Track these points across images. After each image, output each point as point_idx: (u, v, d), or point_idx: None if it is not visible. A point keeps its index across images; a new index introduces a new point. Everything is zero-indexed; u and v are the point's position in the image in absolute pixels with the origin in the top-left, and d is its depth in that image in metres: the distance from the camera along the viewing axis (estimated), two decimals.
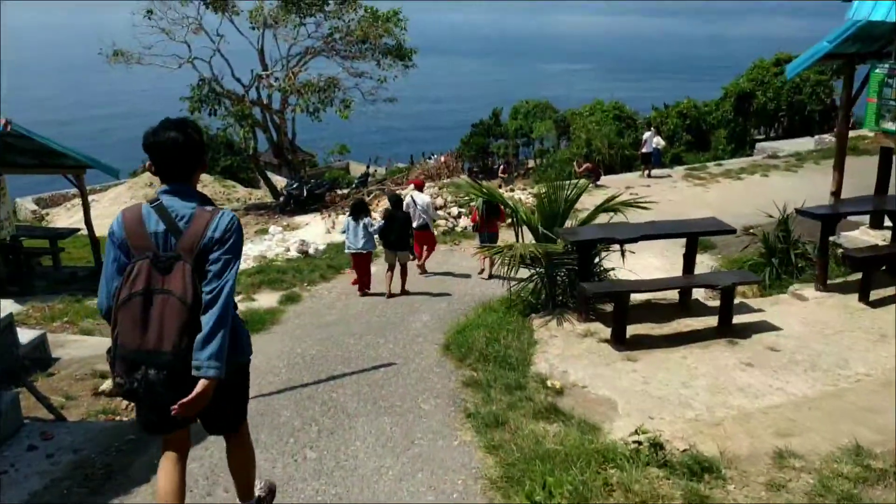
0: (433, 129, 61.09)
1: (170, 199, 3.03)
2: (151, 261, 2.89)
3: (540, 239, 7.53)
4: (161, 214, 2.98)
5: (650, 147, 22.75)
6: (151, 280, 2.86)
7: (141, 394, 2.89)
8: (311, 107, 22.09)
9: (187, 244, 2.93)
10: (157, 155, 3.02)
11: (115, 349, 2.89)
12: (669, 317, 7.08)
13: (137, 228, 2.98)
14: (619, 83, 73.37)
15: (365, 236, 10.37)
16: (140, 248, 2.94)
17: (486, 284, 11.22)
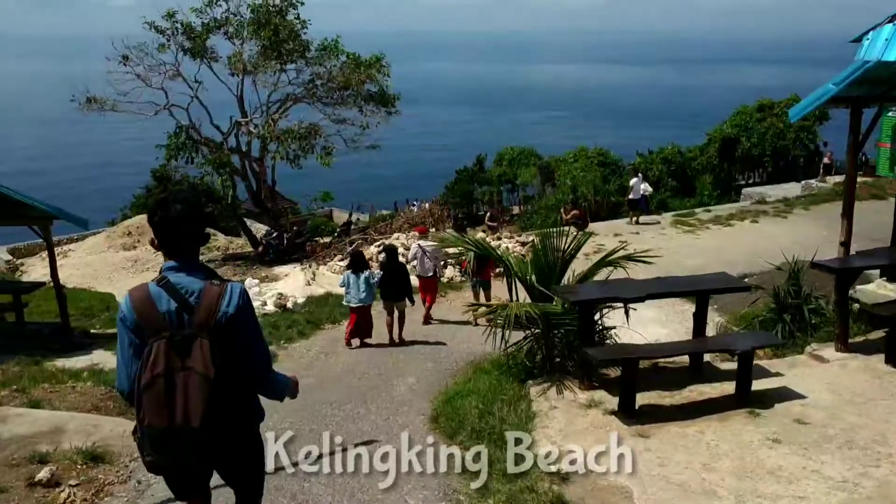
0: (416, 177, 60.85)
1: (176, 276, 3.05)
2: (168, 341, 2.90)
3: (535, 296, 6.88)
4: (171, 293, 3.00)
5: (638, 193, 22.39)
6: (171, 360, 2.88)
7: (169, 468, 3.11)
8: (290, 154, 21.57)
9: (202, 320, 2.95)
10: (164, 231, 3.05)
11: (144, 430, 2.94)
12: (680, 383, 6.41)
13: (148, 310, 2.99)
14: (600, 130, 73.94)
15: (366, 289, 10.33)
16: (154, 330, 2.94)
17: (474, 339, 10.57)
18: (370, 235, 20.77)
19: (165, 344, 2.89)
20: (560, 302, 6.87)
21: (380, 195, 47.25)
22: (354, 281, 10.38)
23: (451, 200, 34.97)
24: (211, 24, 21.79)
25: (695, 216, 22.48)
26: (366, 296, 10.36)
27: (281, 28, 21.32)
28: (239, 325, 3.01)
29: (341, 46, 22.45)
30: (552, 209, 29.38)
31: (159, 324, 2.95)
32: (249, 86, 22.27)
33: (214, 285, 3.04)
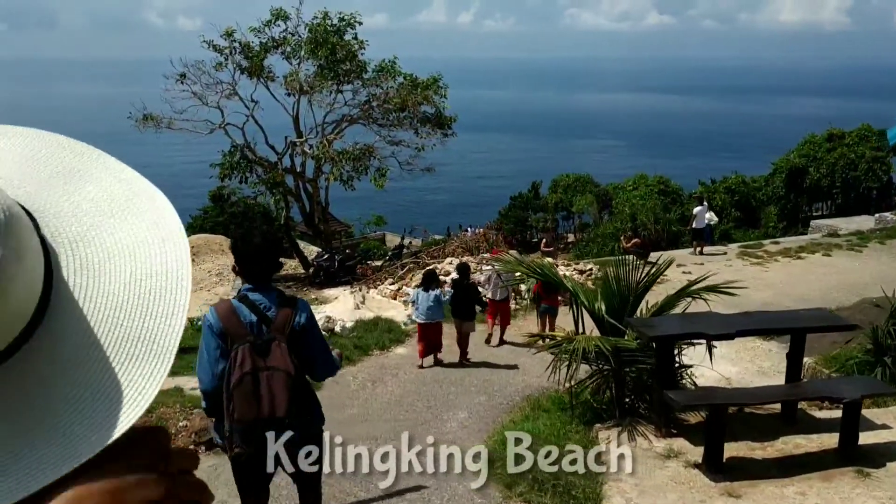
0: (469, 203, 60.63)
1: (254, 294, 3.63)
2: (251, 345, 3.45)
3: (605, 329, 6.19)
4: (251, 307, 3.57)
5: (702, 223, 21.42)
6: (255, 361, 3.42)
7: (254, 458, 3.51)
8: (344, 175, 21.28)
9: (279, 328, 3.53)
10: (245, 261, 3.67)
11: (233, 424, 3.45)
12: (772, 432, 5.63)
13: (233, 319, 3.54)
14: (655, 159, 72.65)
15: (434, 306, 10.34)
16: (238, 336, 3.49)
17: (529, 370, 9.99)
18: (422, 259, 20.24)
19: (249, 348, 3.44)
20: (633, 336, 6.19)
21: (432, 220, 47.04)
22: (424, 297, 10.42)
23: (506, 227, 34.43)
24: (269, 44, 21.76)
25: (762, 248, 21.56)
26: (433, 312, 10.33)
27: (338, 48, 21.14)
28: (308, 332, 3.61)
29: (398, 67, 22.18)
30: (609, 237, 28.59)
31: (242, 331, 3.50)
32: (305, 106, 22.12)
33: (287, 300, 3.67)
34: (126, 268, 0.83)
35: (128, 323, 0.80)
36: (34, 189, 0.85)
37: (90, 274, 0.82)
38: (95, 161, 0.92)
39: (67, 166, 0.90)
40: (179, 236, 0.87)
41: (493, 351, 11.48)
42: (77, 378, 0.77)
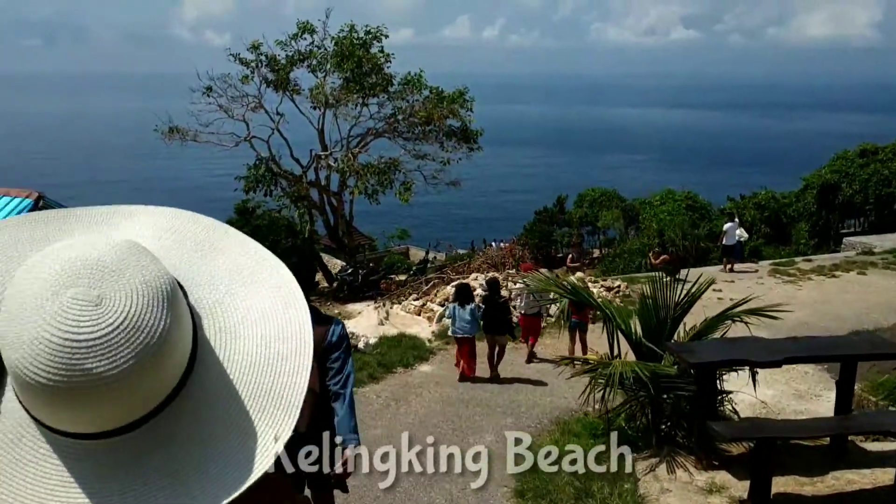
0: (493, 218, 60.31)
1: None
2: None
3: (643, 354, 5.88)
4: None
5: (732, 239, 20.95)
6: None
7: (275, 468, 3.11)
8: (369, 189, 21.16)
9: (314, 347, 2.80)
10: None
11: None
12: (821, 466, 5.28)
13: None
14: (683, 174, 71.91)
15: (471, 321, 10.33)
16: None
17: (557, 391, 9.69)
18: (447, 275, 19.96)
19: None
20: (670, 360, 5.88)
21: (456, 234, 46.83)
22: (460, 312, 10.42)
23: (531, 242, 34.01)
24: (295, 57, 21.76)
25: (795, 265, 21.05)
26: (470, 327, 10.34)
27: (364, 60, 21.08)
28: (335, 348, 3.70)
29: (424, 81, 22.06)
30: (636, 253, 28.15)
31: None
32: (330, 119, 22.09)
33: (321, 318, 3.77)
34: (257, 331, 0.96)
35: (259, 380, 0.93)
36: (177, 261, 0.98)
37: (228, 336, 0.95)
38: (224, 234, 1.05)
39: (200, 239, 1.03)
40: (300, 302, 1.00)
41: (520, 368, 11.22)
42: (219, 428, 0.89)
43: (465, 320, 10.35)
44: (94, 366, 0.78)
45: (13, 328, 0.79)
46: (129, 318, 0.80)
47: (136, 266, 0.84)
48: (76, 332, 0.78)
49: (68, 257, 0.83)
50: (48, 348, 0.77)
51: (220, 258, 1.01)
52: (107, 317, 0.79)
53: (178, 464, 0.87)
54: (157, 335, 0.82)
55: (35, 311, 0.79)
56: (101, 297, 0.80)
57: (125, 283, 0.82)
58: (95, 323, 0.79)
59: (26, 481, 0.84)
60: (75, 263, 0.82)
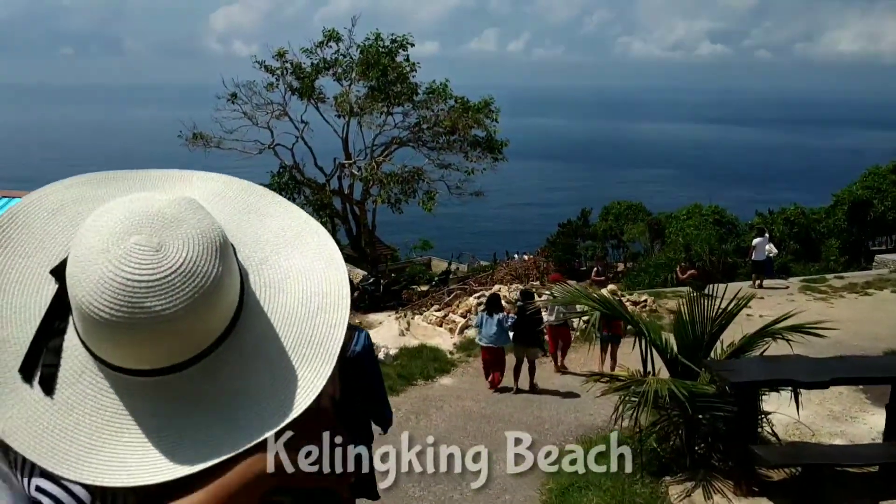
0: (516, 230, 60.03)
1: None
2: None
3: (678, 371, 5.57)
4: None
5: (762, 254, 20.49)
6: None
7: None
8: (392, 198, 20.99)
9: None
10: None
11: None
12: (870, 494, 4.93)
13: None
14: (709, 190, 71.18)
15: (497, 331, 10.30)
16: None
17: (582, 408, 9.46)
18: (469, 286, 19.70)
19: None
20: (706, 378, 5.56)
21: (478, 245, 46.59)
22: (487, 321, 10.41)
23: (554, 254, 33.67)
24: (320, 65, 21.68)
25: (826, 282, 20.67)
26: (496, 337, 10.31)
27: (390, 69, 20.94)
28: (363, 361, 3.60)
29: (450, 90, 21.88)
30: (662, 267, 27.72)
31: None
32: (355, 128, 21.97)
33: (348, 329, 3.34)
34: (299, 287, 1.04)
35: (300, 330, 1.00)
36: (226, 221, 1.04)
37: (272, 291, 1.03)
38: (272, 201, 1.13)
39: (251, 205, 1.12)
40: (339, 262, 1.08)
41: (546, 381, 11.02)
42: (263, 370, 0.97)
43: (491, 330, 10.30)
44: (153, 304, 0.86)
45: (81, 269, 0.87)
46: (186, 263, 0.89)
47: (193, 218, 0.93)
48: (139, 273, 0.86)
49: (132, 209, 0.91)
50: (112, 287, 0.86)
51: (267, 221, 1.09)
52: (166, 261, 0.88)
53: (225, 400, 0.95)
54: (210, 280, 0.90)
55: (101, 254, 0.87)
56: (161, 244, 0.89)
57: (183, 232, 0.91)
58: (156, 266, 0.87)
59: (85, 412, 0.93)
60: (138, 214, 0.90)
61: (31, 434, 0.91)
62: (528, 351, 10.54)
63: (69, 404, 0.93)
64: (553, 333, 11.30)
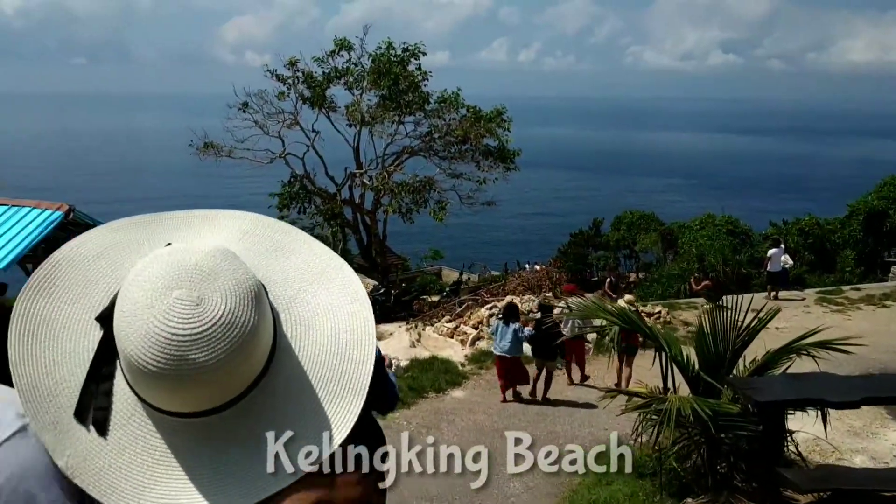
0: (528, 239, 59.89)
1: None
2: None
3: (699, 388, 5.39)
4: None
5: (777, 265, 20.21)
6: None
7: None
8: (403, 207, 20.84)
9: None
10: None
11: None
12: None
13: None
14: (722, 200, 70.86)
15: (512, 340, 10.23)
16: None
17: (596, 422, 9.32)
18: (481, 297, 19.52)
19: None
20: (729, 395, 5.38)
21: (488, 255, 46.44)
22: (503, 330, 10.38)
23: (565, 264, 33.46)
24: (332, 74, 21.58)
25: (843, 294, 20.44)
26: (510, 346, 10.23)
27: (401, 78, 20.82)
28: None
29: (461, 99, 21.73)
30: (675, 278, 27.49)
31: None
32: (366, 137, 21.85)
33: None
34: (327, 324, 1.08)
35: (329, 368, 1.05)
36: (255, 261, 1.10)
37: (301, 329, 1.08)
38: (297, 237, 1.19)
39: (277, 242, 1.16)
40: (364, 298, 1.12)
41: (560, 394, 10.97)
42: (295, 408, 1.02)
43: (507, 339, 10.22)
44: (196, 356, 0.92)
45: (128, 323, 0.94)
46: (225, 315, 0.94)
47: (229, 269, 0.98)
48: (182, 327, 0.92)
49: (171, 262, 0.97)
50: (159, 341, 0.92)
51: (293, 258, 1.14)
52: (207, 314, 0.93)
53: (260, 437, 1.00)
54: (247, 329, 0.96)
55: (146, 309, 0.93)
56: (201, 298, 0.94)
57: (220, 285, 0.96)
58: (197, 320, 0.93)
59: (136, 452, 0.99)
60: (178, 268, 0.96)
61: (91, 472, 0.98)
62: (546, 363, 10.54)
63: (121, 445, 0.99)
64: (567, 346, 11.17)
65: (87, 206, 11.73)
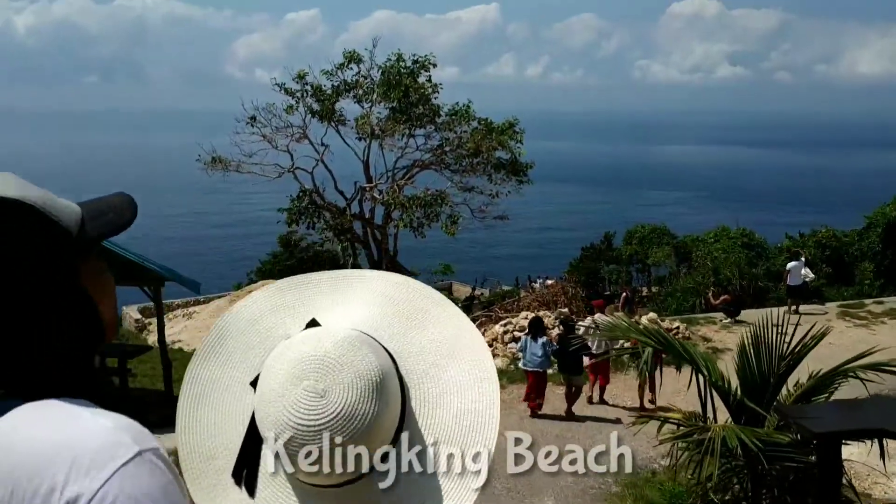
0: (538, 253, 59.63)
1: None
2: None
3: (742, 416, 4.97)
4: None
5: (797, 279, 19.71)
6: None
7: None
8: (415, 222, 20.48)
9: None
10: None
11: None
12: None
13: None
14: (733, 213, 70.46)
15: (542, 355, 10.30)
16: None
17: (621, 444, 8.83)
18: (495, 313, 19.11)
19: None
20: (773, 420, 4.96)
21: (498, 270, 46.11)
22: (531, 345, 10.42)
23: (579, 278, 33.07)
24: (341, 87, 21.29)
25: (865, 308, 20.07)
26: (540, 361, 10.33)
27: (412, 90, 20.51)
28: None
29: (473, 112, 21.39)
30: (690, 292, 27.03)
31: None
32: (376, 150, 21.51)
33: None
34: (454, 403, 1.12)
35: (451, 449, 1.09)
36: (394, 330, 1.16)
37: (429, 407, 1.12)
38: (432, 303, 1.22)
39: (414, 307, 1.20)
40: (494, 377, 1.15)
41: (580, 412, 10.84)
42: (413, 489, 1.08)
43: (535, 353, 10.26)
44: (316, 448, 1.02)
45: (264, 411, 1.05)
46: (346, 408, 1.02)
47: (355, 359, 1.05)
48: (305, 419, 1.02)
49: (303, 352, 1.06)
50: (286, 430, 1.02)
51: (429, 328, 1.19)
52: (330, 407, 1.02)
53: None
54: (367, 422, 1.03)
55: (278, 399, 1.04)
56: (326, 390, 1.03)
57: (344, 377, 1.04)
58: (320, 412, 1.02)
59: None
60: (307, 358, 1.05)
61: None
62: (572, 379, 10.62)
63: (272, 499, 1.10)
64: (594, 364, 11.08)
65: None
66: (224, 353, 1.18)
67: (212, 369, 1.17)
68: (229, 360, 1.18)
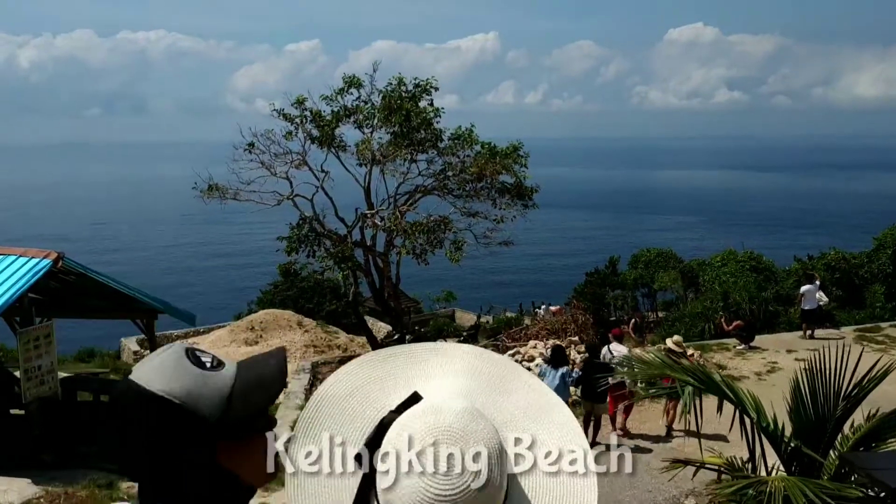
0: (541, 280, 59.26)
1: None
2: None
3: (794, 465, 4.38)
4: None
5: (812, 303, 19.14)
6: None
7: None
8: (417, 248, 19.90)
9: None
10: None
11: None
12: None
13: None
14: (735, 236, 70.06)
15: (560, 385, 10.19)
16: None
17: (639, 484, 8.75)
18: (502, 342, 18.49)
19: None
20: (829, 469, 4.37)
21: (502, 296, 45.67)
22: (552, 375, 10.38)
23: (585, 306, 32.53)
24: (341, 113, 20.82)
25: (882, 331, 19.60)
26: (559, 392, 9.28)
27: (413, 114, 20.02)
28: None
29: (475, 136, 20.92)
30: (699, 317, 26.49)
31: None
32: (377, 176, 20.95)
33: None
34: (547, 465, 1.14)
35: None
36: (485, 400, 1.17)
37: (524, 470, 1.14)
38: (512, 372, 1.24)
39: (497, 377, 1.22)
40: (581, 437, 1.19)
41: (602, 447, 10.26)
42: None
43: (554, 384, 10.08)
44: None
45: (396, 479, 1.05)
46: (480, 479, 1.04)
47: (479, 431, 1.07)
48: (443, 489, 1.03)
49: (429, 423, 1.07)
50: (424, 500, 1.03)
51: (513, 396, 1.21)
52: (465, 477, 1.03)
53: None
54: (496, 489, 1.06)
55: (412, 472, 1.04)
56: (459, 463, 1.04)
57: (474, 447, 1.05)
58: (454, 483, 1.03)
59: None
60: (434, 429, 1.06)
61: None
62: (595, 407, 10.48)
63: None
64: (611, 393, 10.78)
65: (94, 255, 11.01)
66: (319, 423, 1.21)
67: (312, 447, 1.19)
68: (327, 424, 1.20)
